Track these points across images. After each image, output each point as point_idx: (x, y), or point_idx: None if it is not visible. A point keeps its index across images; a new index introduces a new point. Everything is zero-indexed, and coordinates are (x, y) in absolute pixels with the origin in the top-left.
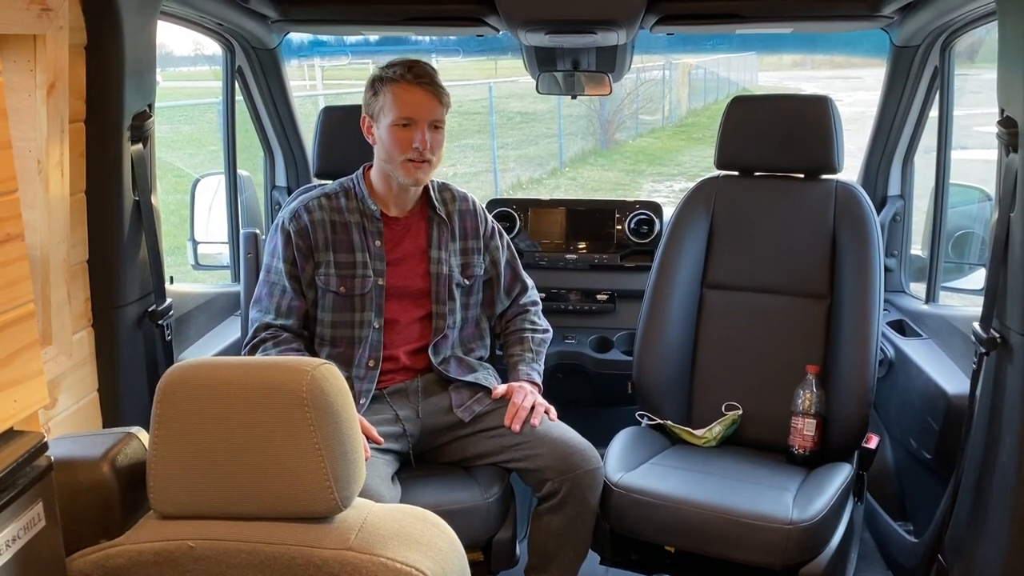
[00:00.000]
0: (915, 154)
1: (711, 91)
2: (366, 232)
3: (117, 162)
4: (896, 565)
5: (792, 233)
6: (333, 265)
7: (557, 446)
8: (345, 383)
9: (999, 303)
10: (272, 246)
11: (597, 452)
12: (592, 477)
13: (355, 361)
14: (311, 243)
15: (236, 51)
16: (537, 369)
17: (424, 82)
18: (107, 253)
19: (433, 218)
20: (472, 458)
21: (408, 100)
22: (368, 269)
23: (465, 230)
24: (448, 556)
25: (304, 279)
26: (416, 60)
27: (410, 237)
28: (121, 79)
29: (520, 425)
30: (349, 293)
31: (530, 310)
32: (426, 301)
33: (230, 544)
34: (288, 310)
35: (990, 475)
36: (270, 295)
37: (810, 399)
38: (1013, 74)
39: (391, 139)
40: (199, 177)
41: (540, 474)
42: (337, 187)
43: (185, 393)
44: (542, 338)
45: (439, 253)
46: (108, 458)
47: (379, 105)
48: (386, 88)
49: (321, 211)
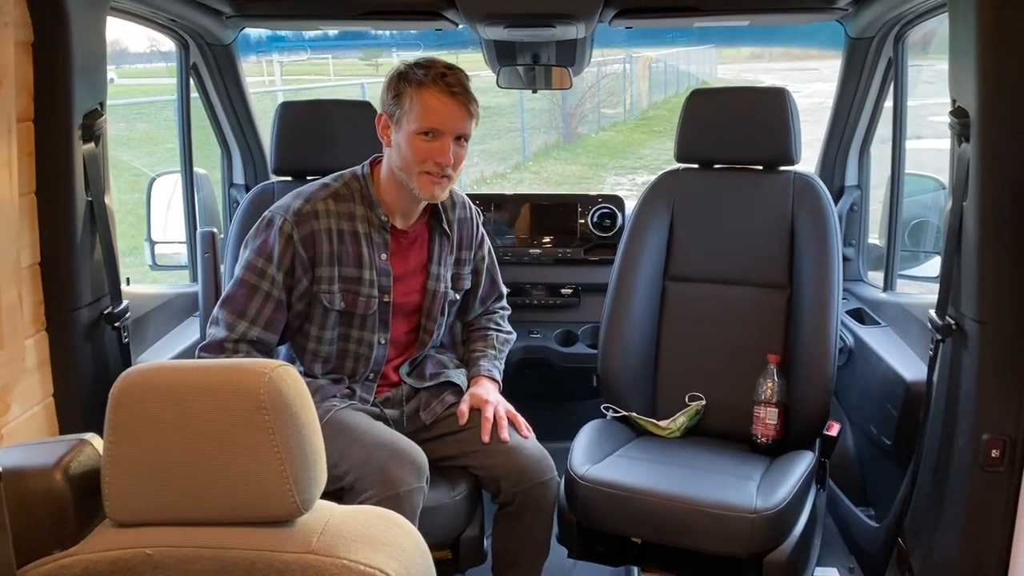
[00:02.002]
0: (871, 144)
1: (671, 84)
2: (373, 244)
3: (68, 162)
4: (858, 550)
5: (751, 225)
6: (338, 280)
7: (511, 456)
8: (304, 385)
9: (954, 290)
10: (261, 244)
11: (552, 461)
12: (546, 488)
13: (357, 376)
14: (315, 254)
15: (190, 47)
16: (498, 367)
17: (457, 92)
18: (60, 255)
19: (436, 229)
20: (436, 460)
21: (438, 110)
22: (374, 288)
23: (462, 240)
24: (412, 557)
25: (298, 291)
26: (451, 65)
27: (414, 251)
28: (70, 77)
29: (488, 436)
30: (350, 310)
31: (497, 312)
32: (416, 316)
33: (189, 550)
34: (269, 322)
35: (948, 459)
36: (250, 298)
37: (772, 388)
38: (964, 65)
39: (411, 148)
40: (155, 176)
41: (495, 483)
42: (343, 187)
43: (139, 398)
44: (506, 338)
45: (438, 269)
46: (61, 466)
47: (402, 108)
48: (413, 91)
49: (328, 217)
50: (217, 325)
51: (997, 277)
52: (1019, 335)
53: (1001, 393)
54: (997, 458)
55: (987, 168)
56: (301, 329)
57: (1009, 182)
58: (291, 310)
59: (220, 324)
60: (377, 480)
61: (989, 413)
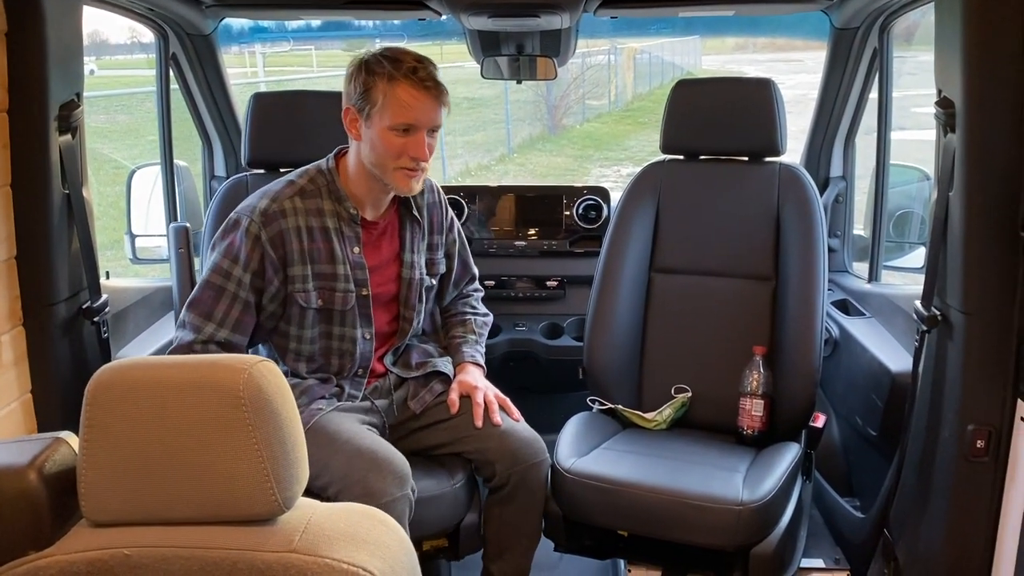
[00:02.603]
0: (856, 135)
1: (656, 75)
2: (344, 238)
3: (44, 154)
4: (844, 541)
5: (737, 216)
6: (312, 279)
7: (504, 439)
8: (285, 381)
9: (939, 281)
10: (228, 245)
11: (544, 443)
12: (539, 469)
13: (345, 372)
14: (286, 254)
15: (170, 37)
16: (479, 351)
17: (429, 86)
18: (36, 248)
19: (406, 217)
20: (429, 448)
21: (412, 105)
22: (350, 283)
23: (432, 225)
24: (397, 554)
25: (269, 293)
26: (420, 57)
27: (386, 241)
28: (45, 67)
29: (481, 422)
30: (328, 307)
31: (472, 295)
32: (394, 305)
33: (167, 550)
34: (236, 324)
35: (933, 450)
36: (217, 300)
37: (757, 380)
38: (949, 55)
39: (385, 145)
40: (135, 168)
41: (489, 467)
42: (309, 183)
43: (116, 395)
44: (484, 321)
45: (412, 256)
46: (35, 465)
47: (372, 103)
48: (384, 86)
49: (296, 215)
50: (184, 328)
51: (983, 268)
52: (1004, 326)
53: (986, 384)
54: (982, 449)
55: (973, 158)
56: (277, 330)
57: (995, 172)
58: (262, 312)
59: (187, 327)
60: (359, 492)
61: (974, 404)
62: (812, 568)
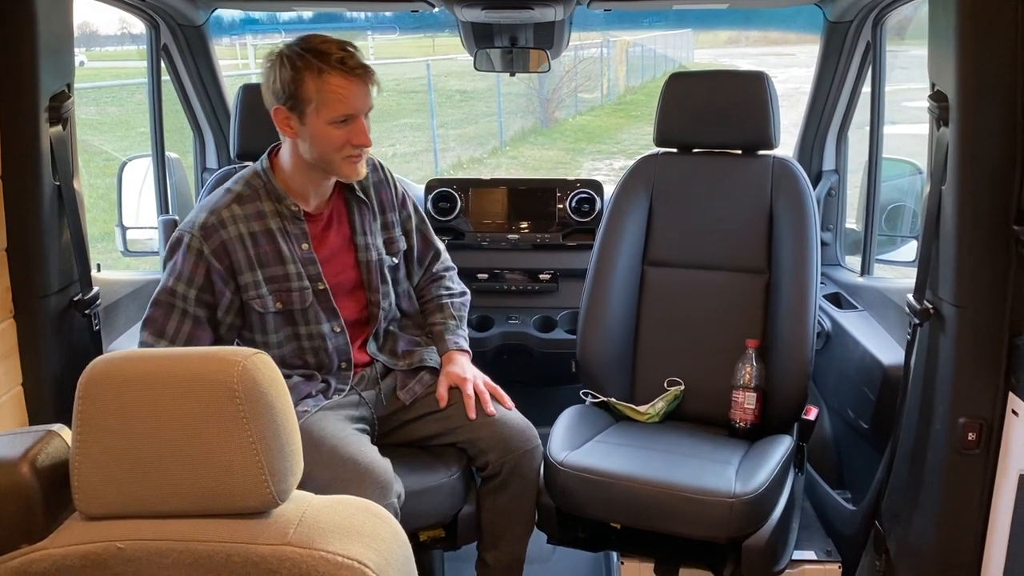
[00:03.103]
0: (849, 129)
1: (648, 69)
2: (290, 236)
3: (34, 145)
4: (835, 533)
5: (730, 209)
6: (264, 283)
7: (496, 427)
8: (279, 373)
9: (931, 275)
10: (172, 264)
11: (536, 430)
12: (531, 456)
13: (326, 368)
14: (232, 264)
15: (161, 28)
16: (463, 335)
17: (359, 73)
18: (27, 240)
19: (352, 201)
20: (422, 439)
21: (347, 96)
22: (304, 280)
23: (383, 204)
24: (391, 547)
25: (223, 305)
26: (342, 43)
27: (334, 230)
28: (35, 58)
29: (474, 413)
30: (288, 308)
31: (444, 276)
32: (360, 292)
33: (161, 544)
34: (189, 339)
35: (925, 443)
36: (168, 317)
37: (750, 373)
38: (943, 49)
39: (328, 139)
40: (126, 160)
41: (482, 456)
42: (244, 187)
43: (109, 388)
44: (461, 302)
45: (365, 239)
46: (28, 458)
47: (306, 101)
48: (314, 80)
49: (236, 223)
50: (141, 347)
51: (975, 261)
52: (996, 319)
53: (978, 377)
54: (973, 441)
55: (966, 152)
56: (243, 339)
57: (987, 166)
58: (220, 326)
59: (143, 346)
60: None
61: (966, 397)
62: (804, 560)
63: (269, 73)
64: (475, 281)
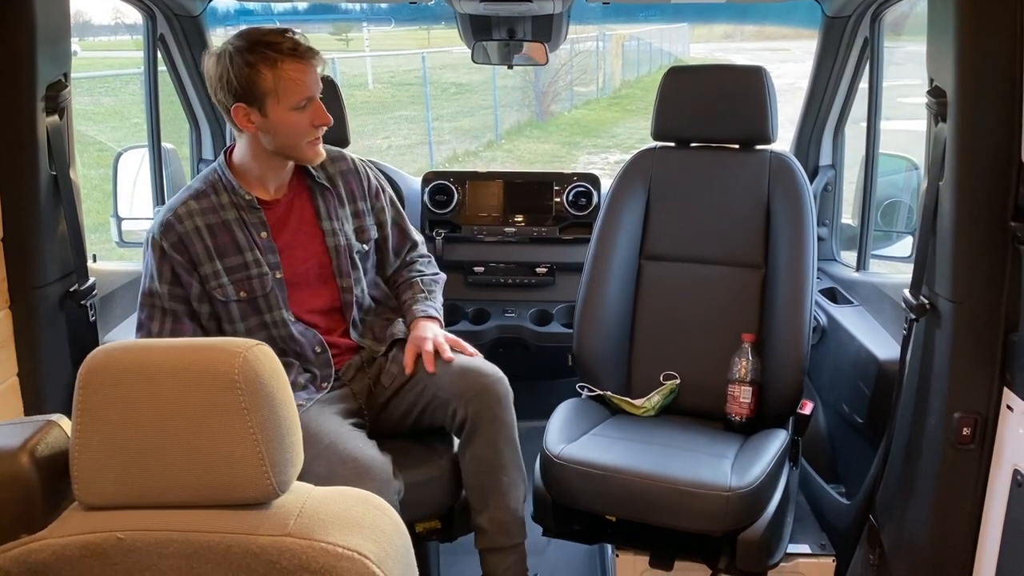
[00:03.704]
0: (846, 124)
1: (644, 62)
2: (247, 226)
3: (31, 135)
4: (829, 527)
5: (728, 204)
6: (224, 273)
7: (454, 372)
8: (280, 364)
9: (928, 270)
10: (146, 263)
11: (501, 372)
12: (496, 390)
13: (303, 355)
14: (191, 256)
15: (158, 18)
16: (432, 305)
17: (308, 55)
18: (24, 231)
19: (314, 188)
20: (403, 416)
21: (304, 79)
22: (263, 267)
23: (352, 192)
24: (391, 538)
25: (194, 295)
26: (285, 29)
27: (295, 216)
28: (33, 47)
29: (432, 366)
30: (251, 296)
31: (417, 260)
32: (330, 278)
33: (161, 534)
34: (173, 335)
35: (919, 438)
36: (150, 318)
37: (746, 367)
38: (942, 45)
39: (293, 125)
40: (122, 150)
41: (450, 407)
42: (201, 183)
43: (109, 378)
44: (432, 279)
45: (331, 224)
46: (27, 448)
47: (265, 92)
48: (269, 71)
49: (192, 217)
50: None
51: (972, 257)
52: (992, 315)
53: (973, 372)
54: (968, 436)
55: (964, 148)
56: (221, 330)
57: (985, 162)
58: (200, 316)
59: None
60: None
61: (961, 392)
62: (798, 554)
63: (219, 72)
64: (471, 274)
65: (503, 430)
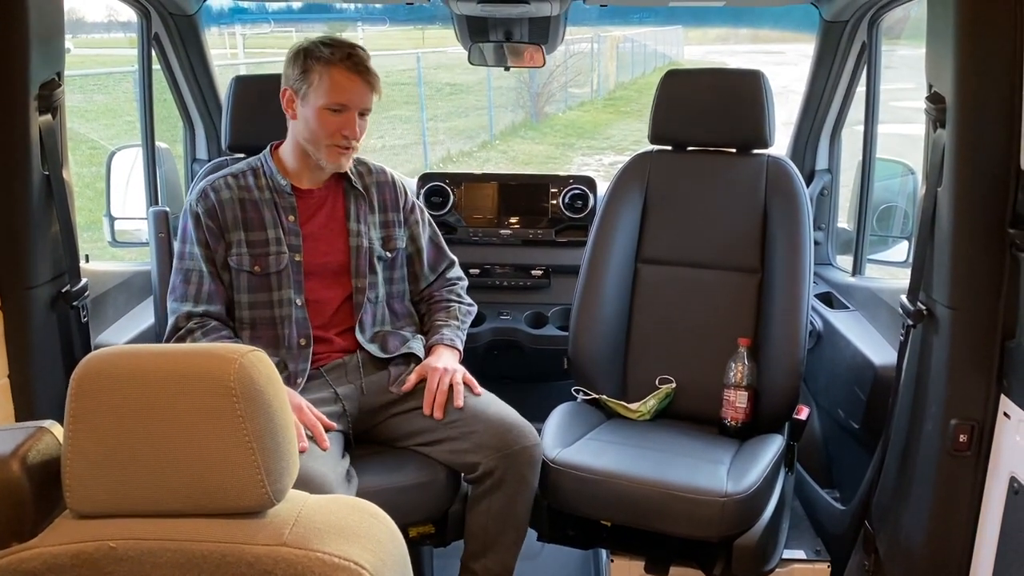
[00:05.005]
0: (842, 129)
1: (638, 64)
2: (278, 208)
3: (23, 134)
4: (824, 532)
5: (725, 208)
6: (245, 244)
7: (493, 423)
8: (275, 370)
9: (926, 276)
10: (183, 230)
11: (533, 428)
12: (531, 454)
13: (284, 342)
14: (221, 223)
15: (152, 17)
16: (458, 336)
17: (362, 70)
18: (15, 231)
19: (350, 191)
20: (406, 437)
21: (345, 87)
22: (283, 246)
23: (385, 203)
24: (387, 547)
25: (219, 261)
26: (354, 44)
27: (326, 210)
28: (26, 45)
29: (442, 411)
30: (264, 272)
31: (457, 284)
32: (347, 279)
33: (154, 543)
34: (209, 296)
35: (915, 444)
36: (186, 281)
37: (742, 372)
38: (941, 50)
39: (319, 122)
40: (115, 149)
41: (475, 453)
42: (245, 167)
43: (103, 385)
44: (468, 310)
45: (358, 226)
46: (18, 455)
47: (309, 84)
48: (320, 68)
49: (229, 190)
50: (170, 315)
51: (969, 263)
52: (989, 321)
53: (970, 379)
54: (964, 443)
55: (962, 154)
56: (234, 299)
57: (984, 169)
58: (224, 281)
59: (170, 313)
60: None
61: (958, 398)
62: (793, 559)
63: (289, 60)
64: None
65: (527, 492)
